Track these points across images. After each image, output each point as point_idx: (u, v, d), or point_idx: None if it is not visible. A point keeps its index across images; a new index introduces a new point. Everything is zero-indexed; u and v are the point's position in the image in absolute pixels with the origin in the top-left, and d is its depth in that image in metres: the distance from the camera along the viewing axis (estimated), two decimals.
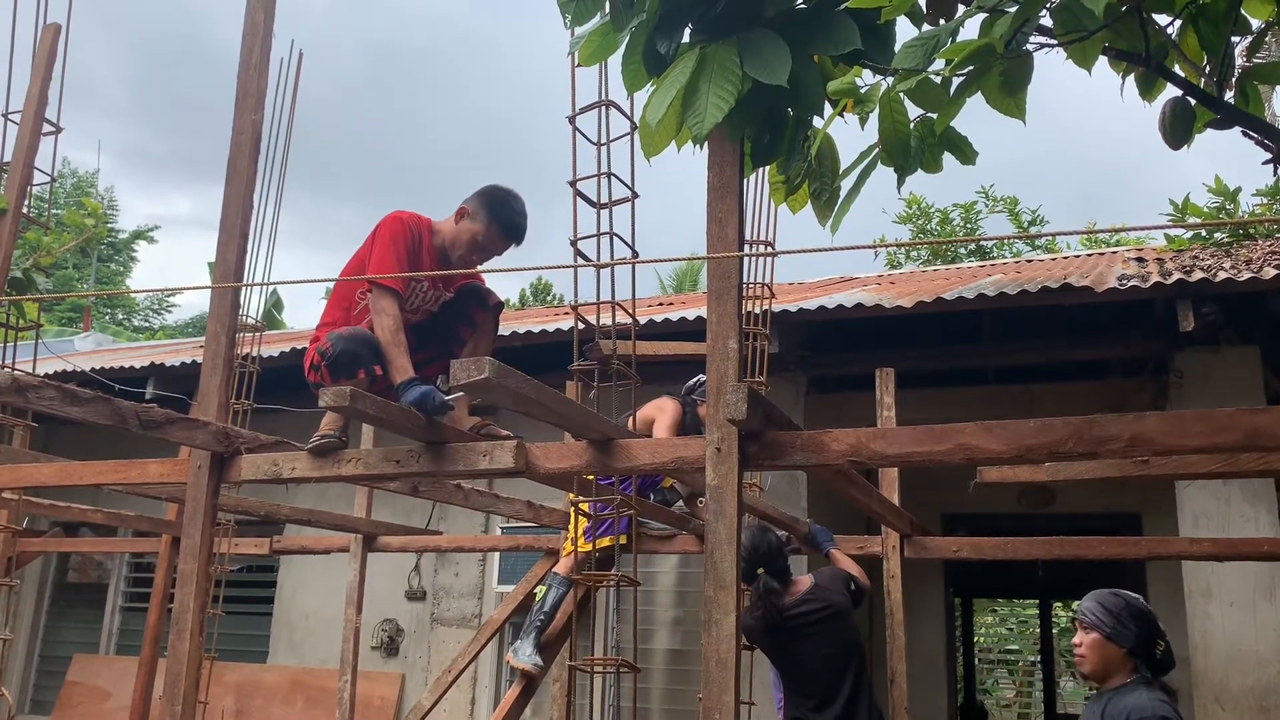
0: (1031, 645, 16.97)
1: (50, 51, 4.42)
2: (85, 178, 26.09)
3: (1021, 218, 16.17)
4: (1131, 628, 3.16)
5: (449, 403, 3.20)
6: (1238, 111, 2.27)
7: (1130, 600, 3.25)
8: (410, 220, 3.56)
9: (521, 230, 3.64)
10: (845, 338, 6.56)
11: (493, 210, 3.57)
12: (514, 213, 3.60)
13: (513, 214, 3.60)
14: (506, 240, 3.62)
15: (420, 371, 3.47)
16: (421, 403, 3.18)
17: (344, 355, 3.32)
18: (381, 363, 3.35)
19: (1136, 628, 3.16)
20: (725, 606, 2.56)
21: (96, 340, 14.39)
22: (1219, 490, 5.74)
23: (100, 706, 8.17)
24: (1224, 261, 6.09)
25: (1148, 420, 2.40)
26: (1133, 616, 3.18)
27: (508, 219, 3.58)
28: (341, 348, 3.33)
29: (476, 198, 3.61)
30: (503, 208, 3.58)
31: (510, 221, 3.59)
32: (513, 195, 3.63)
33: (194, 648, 3.22)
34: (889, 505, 4.95)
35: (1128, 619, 3.17)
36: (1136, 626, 3.16)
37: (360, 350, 3.33)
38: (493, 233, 3.57)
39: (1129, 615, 3.18)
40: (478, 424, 3.46)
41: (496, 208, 3.58)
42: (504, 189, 3.64)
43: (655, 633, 6.72)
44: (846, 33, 2.12)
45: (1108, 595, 3.28)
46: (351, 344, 3.34)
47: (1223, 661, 5.59)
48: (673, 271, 21.35)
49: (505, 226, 3.58)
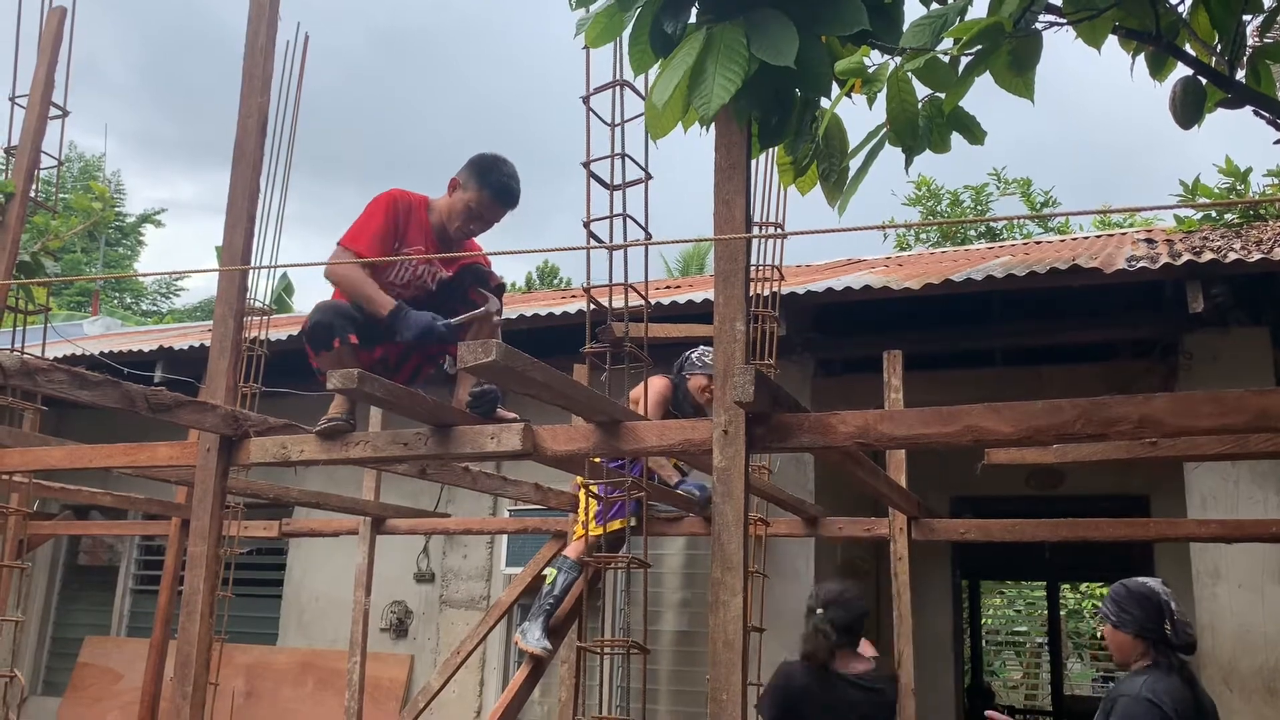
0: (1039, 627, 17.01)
1: (56, 35, 4.42)
2: (92, 161, 26.13)
3: (1035, 199, 16.11)
4: (1133, 611, 3.22)
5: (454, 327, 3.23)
6: (1249, 91, 2.26)
7: (1133, 586, 3.30)
8: (399, 195, 3.57)
9: (513, 193, 3.62)
10: (853, 320, 6.55)
11: (482, 177, 3.56)
12: (504, 175, 3.59)
13: (502, 177, 3.59)
14: (499, 204, 3.61)
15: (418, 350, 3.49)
16: (425, 335, 3.21)
17: (317, 328, 3.36)
18: (357, 330, 3.36)
19: (1139, 611, 3.21)
20: (732, 588, 2.57)
21: (105, 324, 14.43)
22: (1228, 472, 5.73)
23: (112, 688, 8.23)
24: (1234, 242, 6.06)
25: (1156, 402, 2.39)
26: (1135, 601, 3.23)
27: (497, 183, 3.57)
28: (314, 319, 3.38)
29: (466, 168, 3.61)
30: (491, 172, 3.57)
31: (501, 185, 3.58)
32: (501, 160, 3.61)
33: (204, 630, 3.24)
34: (896, 487, 4.95)
35: (1129, 604, 3.24)
36: (1139, 610, 3.21)
37: (333, 320, 3.35)
38: (485, 199, 3.56)
39: (1129, 600, 3.24)
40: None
41: (485, 174, 3.57)
42: (492, 155, 3.62)
43: (663, 614, 6.74)
44: (854, 12, 2.11)
45: (1116, 585, 3.35)
46: (324, 316, 3.37)
47: (1230, 643, 5.59)
48: (679, 254, 21.32)
49: (496, 191, 3.57)
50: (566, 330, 6.13)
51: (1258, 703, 5.42)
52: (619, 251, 3.17)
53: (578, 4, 2.31)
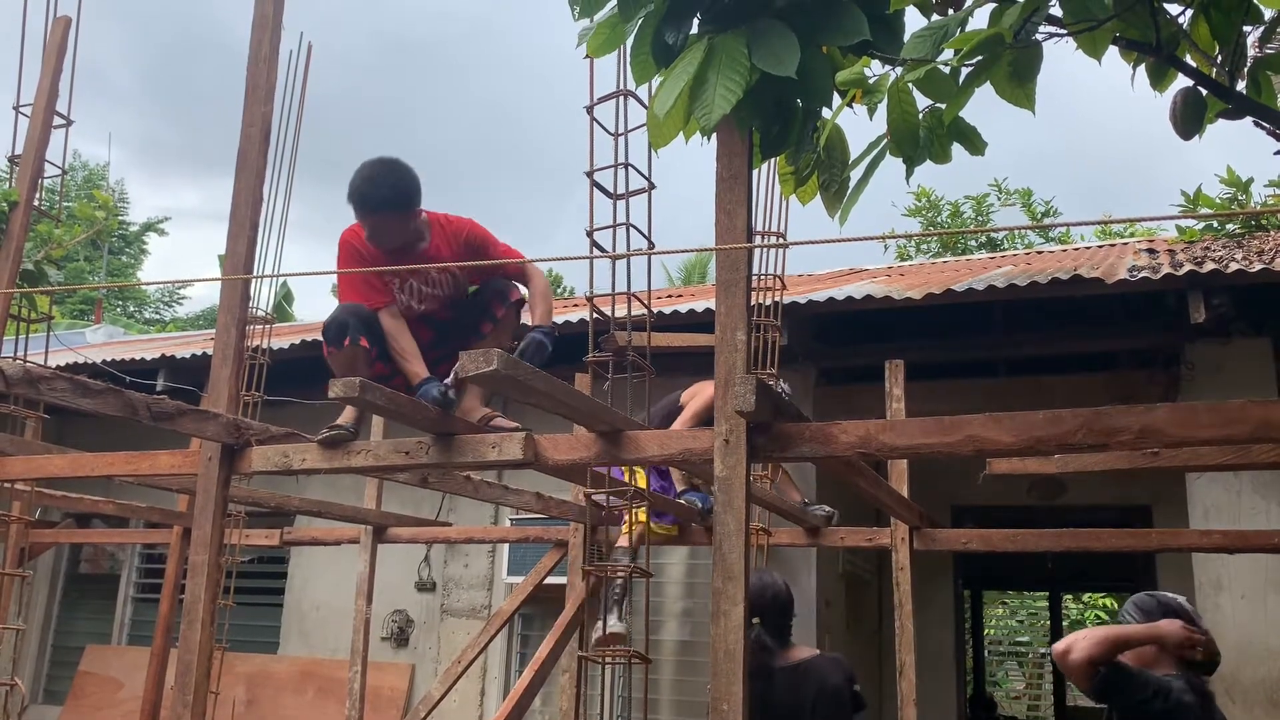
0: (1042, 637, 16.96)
1: (61, 44, 4.43)
2: (96, 170, 26.18)
3: (1035, 210, 16.12)
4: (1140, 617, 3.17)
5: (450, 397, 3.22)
6: (1250, 101, 2.26)
7: (1160, 596, 3.29)
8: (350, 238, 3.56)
9: (362, 194, 3.49)
10: (855, 330, 6.55)
11: (348, 197, 3.49)
12: (352, 189, 3.50)
13: (351, 190, 3.50)
14: (360, 213, 3.51)
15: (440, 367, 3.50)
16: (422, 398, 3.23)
17: (332, 325, 3.41)
18: (371, 336, 3.42)
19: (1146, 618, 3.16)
20: (733, 598, 2.56)
21: (108, 332, 14.43)
22: (1230, 482, 5.72)
23: (112, 696, 8.22)
24: (1236, 252, 6.06)
25: (1158, 412, 2.39)
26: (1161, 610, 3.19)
27: (351, 195, 3.49)
28: (331, 317, 3.43)
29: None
30: (349, 189, 3.49)
31: (352, 196, 3.49)
32: (362, 166, 3.53)
33: (205, 638, 3.24)
34: (898, 497, 4.94)
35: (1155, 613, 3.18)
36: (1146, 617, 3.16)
37: (348, 320, 3.39)
38: (358, 216, 3.51)
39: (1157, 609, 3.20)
40: (486, 415, 3.47)
41: (348, 193, 3.49)
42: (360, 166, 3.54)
43: (665, 624, 6.73)
44: (855, 23, 2.12)
45: (1142, 594, 3.34)
46: (341, 314, 3.42)
47: (1233, 654, 5.57)
48: (681, 263, 21.33)
49: (353, 205, 3.49)
50: (569, 339, 6.12)
51: (1260, 715, 5.41)
52: (622, 261, 3.17)
53: (580, 14, 2.32)
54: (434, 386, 3.22)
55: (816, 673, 3.94)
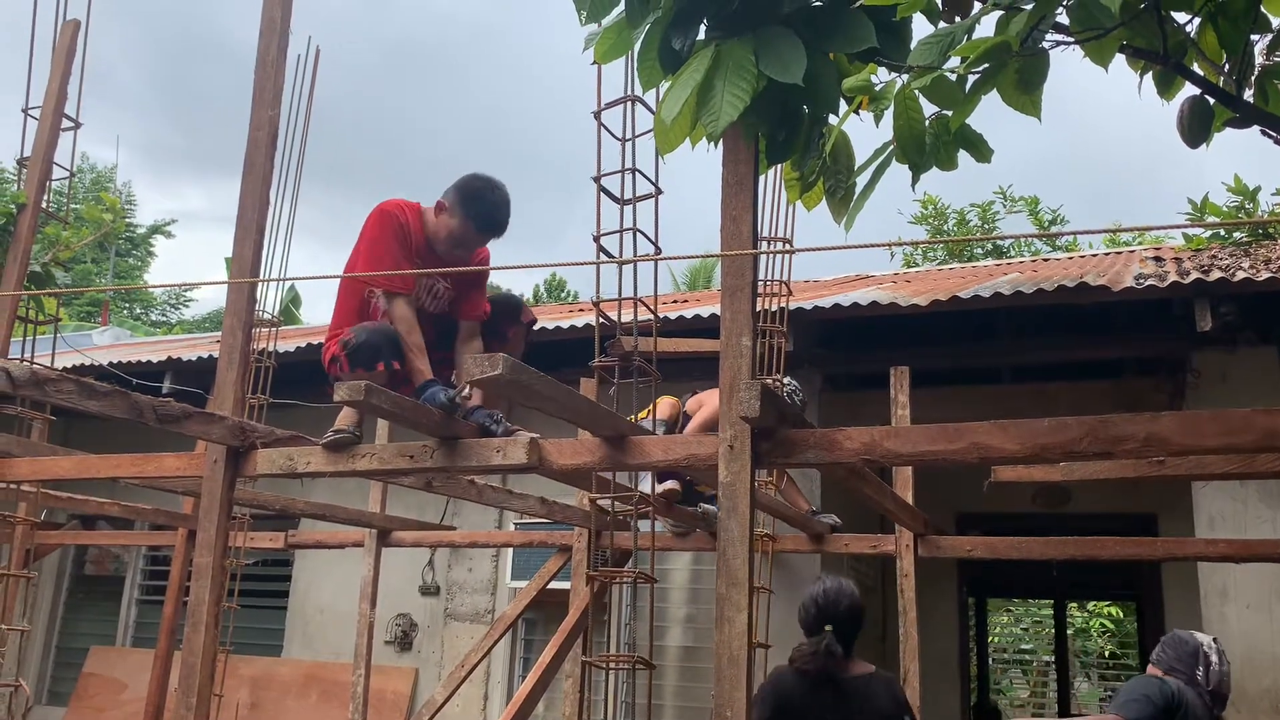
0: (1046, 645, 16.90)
1: (70, 47, 4.45)
2: (104, 173, 26.27)
3: (1042, 218, 16.10)
4: (1169, 651, 3.56)
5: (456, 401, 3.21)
6: (1257, 110, 2.26)
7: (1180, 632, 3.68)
8: (395, 211, 3.50)
9: (498, 223, 3.53)
10: (860, 336, 6.55)
11: (467, 206, 3.46)
12: (490, 206, 3.49)
13: (488, 208, 3.48)
14: (482, 235, 3.53)
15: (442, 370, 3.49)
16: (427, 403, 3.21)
17: (365, 347, 3.34)
18: (401, 358, 3.37)
19: (1173, 651, 3.55)
20: (738, 604, 2.56)
21: (114, 335, 14.46)
22: (1236, 491, 5.70)
23: (116, 698, 8.23)
24: (1242, 261, 6.05)
25: (1163, 420, 2.39)
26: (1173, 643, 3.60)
27: (481, 213, 3.47)
28: (363, 339, 3.36)
29: (453, 191, 3.50)
30: (477, 201, 3.47)
31: (484, 215, 3.48)
32: (489, 187, 3.50)
33: (209, 641, 3.24)
34: (903, 504, 4.94)
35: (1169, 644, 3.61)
36: (1173, 651, 3.56)
37: (382, 343, 3.35)
38: (469, 228, 3.47)
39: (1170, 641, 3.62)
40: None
41: (471, 202, 3.46)
42: (481, 180, 3.51)
43: (668, 630, 6.72)
44: (862, 30, 2.12)
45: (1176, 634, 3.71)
46: (374, 337, 3.37)
47: (1238, 664, 5.53)
48: (687, 268, 21.33)
49: (479, 221, 3.48)
50: (575, 344, 6.13)
51: None
52: (628, 265, 3.17)
53: (587, 19, 2.33)
54: (440, 390, 3.22)
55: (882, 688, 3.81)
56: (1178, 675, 3.42)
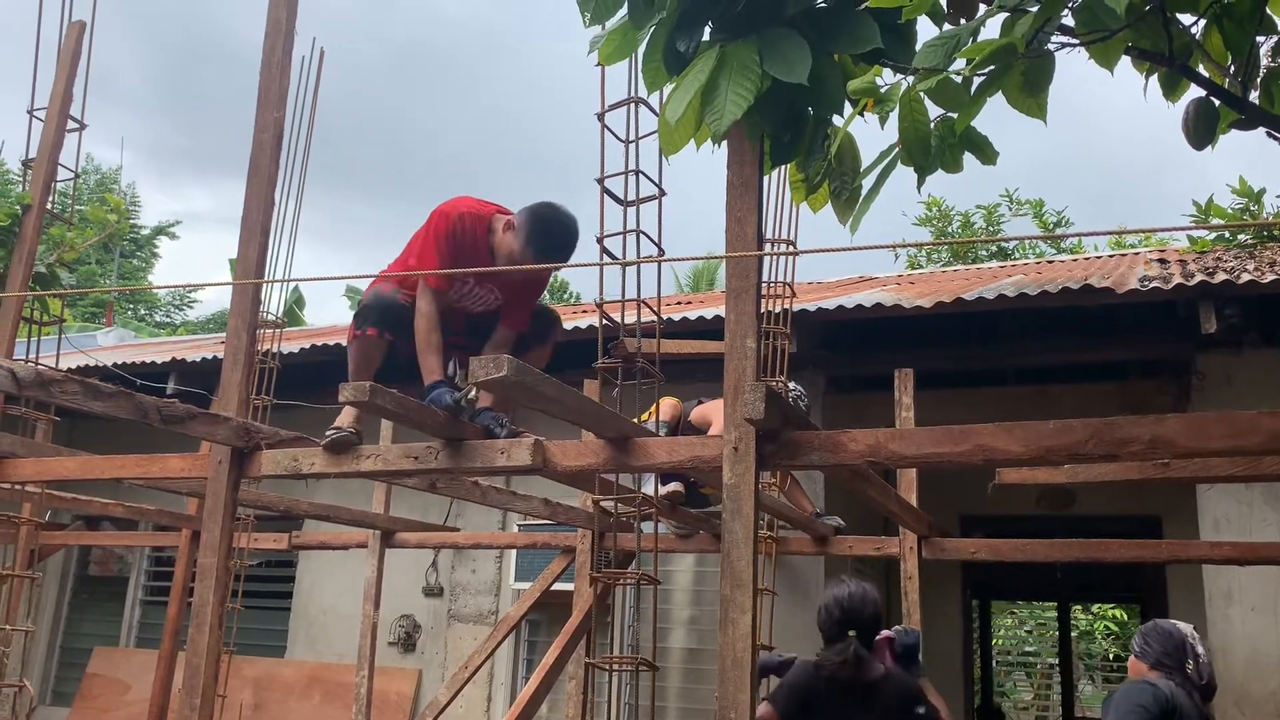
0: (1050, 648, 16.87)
1: (75, 49, 4.46)
2: (108, 174, 26.30)
3: (1046, 220, 16.08)
4: (1154, 645, 3.41)
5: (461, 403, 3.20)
6: (1262, 112, 2.25)
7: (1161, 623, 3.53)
8: (468, 215, 3.53)
9: (561, 256, 3.52)
10: (864, 338, 6.54)
11: (531, 236, 3.45)
12: (553, 239, 3.47)
13: (551, 240, 3.47)
14: (550, 255, 3.49)
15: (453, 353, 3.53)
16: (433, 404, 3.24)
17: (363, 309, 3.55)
18: (396, 330, 3.48)
19: (1159, 645, 3.40)
20: (742, 605, 2.56)
21: (119, 336, 14.48)
22: (1241, 494, 5.69)
23: (120, 699, 8.23)
24: (1247, 263, 6.04)
25: (1168, 422, 2.39)
26: (1158, 635, 3.44)
27: (544, 247, 3.46)
28: (367, 301, 3.56)
29: (524, 214, 3.50)
30: (540, 235, 3.45)
31: (546, 248, 3.46)
32: (557, 221, 3.49)
33: (213, 641, 3.24)
34: (907, 506, 4.93)
35: (1152, 637, 3.44)
36: (1159, 645, 3.40)
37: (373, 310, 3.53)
38: (527, 256, 3.46)
39: (1154, 634, 3.45)
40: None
41: (535, 233, 3.45)
42: (551, 211, 3.50)
43: (671, 631, 6.72)
44: (867, 31, 2.12)
45: (1148, 622, 3.59)
46: (375, 300, 3.56)
47: (1243, 666, 5.54)
48: (690, 270, 21.32)
49: (540, 252, 3.46)
50: (578, 345, 6.13)
51: None
52: (632, 267, 3.17)
53: (591, 20, 2.33)
54: (447, 392, 3.22)
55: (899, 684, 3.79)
56: (1166, 670, 3.29)
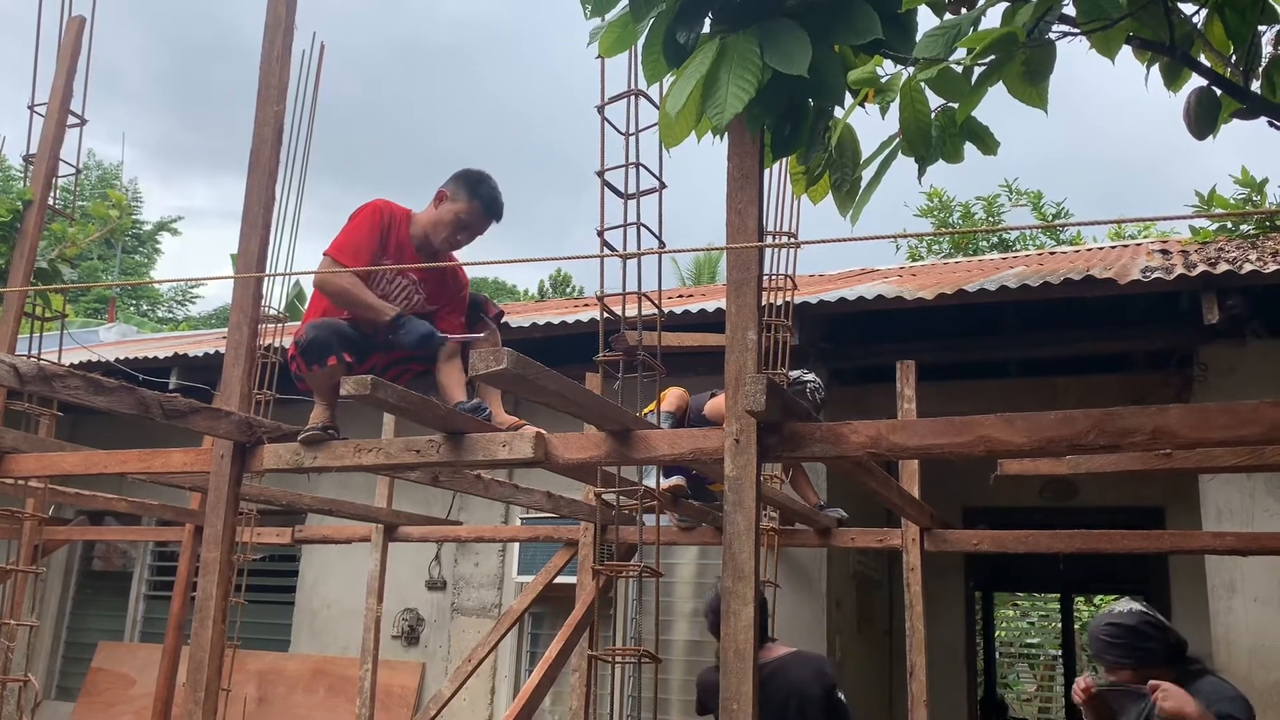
0: (1053, 639, 16.90)
1: (75, 44, 4.45)
2: (110, 170, 26.29)
3: (1046, 212, 16.06)
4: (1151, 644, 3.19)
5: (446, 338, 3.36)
6: (1264, 101, 2.25)
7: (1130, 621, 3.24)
8: (383, 206, 3.62)
9: (500, 205, 3.72)
10: (866, 330, 6.54)
11: (472, 189, 3.64)
12: (491, 188, 3.69)
13: (491, 189, 3.68)
14: (488, 217, 3.69)
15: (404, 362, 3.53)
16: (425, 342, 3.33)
17: (313, 345, 3.40)
18: (352, 349, 3.42)
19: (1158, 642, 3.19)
20: (744, 597, 2.56)
21: (121, 331, 14.48)
22: (1244, 484, 5.69)
23: (125, 693, 8.26)
24: (1250, 253, 6.03)
25: (1170, 413, 2.38)
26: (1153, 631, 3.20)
27: (487, 195, 3.66)
28: (311, 336, 3.42)
29: (454, 179, 3.69)
30: (481, 185, 3.66)
31: (489, 197, 3.67)
32: (487, 175, 3.73)
33: (217, 635, 3.25)
34: (909, 498, 4.93)
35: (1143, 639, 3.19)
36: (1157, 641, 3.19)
37: (330, 338, 3.40)
38: (475, 209, 3.64)
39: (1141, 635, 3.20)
40: (514, 424, 3.47)
41: (475, 186, 3.65)
42: (478, 170, 3.72)
43: (674, 623, 6.73)
44: (867, 22, 2.11)
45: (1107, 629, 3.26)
46: (321, 333, 3.42)
47: (1246, 657, 5.54)
48: (691, 262, 21.31)
49: (485, 202, 3.66)
50: (579, 338, 6.14)
51: (1273, 718, 5.38)
52: (632, 260, 3.17)
53: (592, 12, 2.32)
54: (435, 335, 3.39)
55: (802, 667, 4.00)
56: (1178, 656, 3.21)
